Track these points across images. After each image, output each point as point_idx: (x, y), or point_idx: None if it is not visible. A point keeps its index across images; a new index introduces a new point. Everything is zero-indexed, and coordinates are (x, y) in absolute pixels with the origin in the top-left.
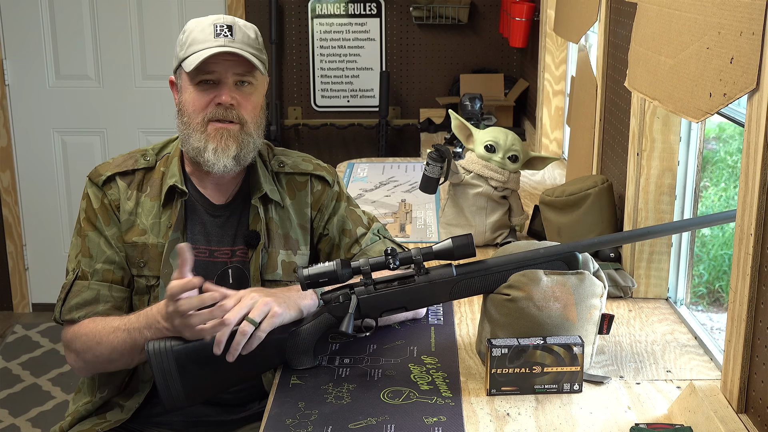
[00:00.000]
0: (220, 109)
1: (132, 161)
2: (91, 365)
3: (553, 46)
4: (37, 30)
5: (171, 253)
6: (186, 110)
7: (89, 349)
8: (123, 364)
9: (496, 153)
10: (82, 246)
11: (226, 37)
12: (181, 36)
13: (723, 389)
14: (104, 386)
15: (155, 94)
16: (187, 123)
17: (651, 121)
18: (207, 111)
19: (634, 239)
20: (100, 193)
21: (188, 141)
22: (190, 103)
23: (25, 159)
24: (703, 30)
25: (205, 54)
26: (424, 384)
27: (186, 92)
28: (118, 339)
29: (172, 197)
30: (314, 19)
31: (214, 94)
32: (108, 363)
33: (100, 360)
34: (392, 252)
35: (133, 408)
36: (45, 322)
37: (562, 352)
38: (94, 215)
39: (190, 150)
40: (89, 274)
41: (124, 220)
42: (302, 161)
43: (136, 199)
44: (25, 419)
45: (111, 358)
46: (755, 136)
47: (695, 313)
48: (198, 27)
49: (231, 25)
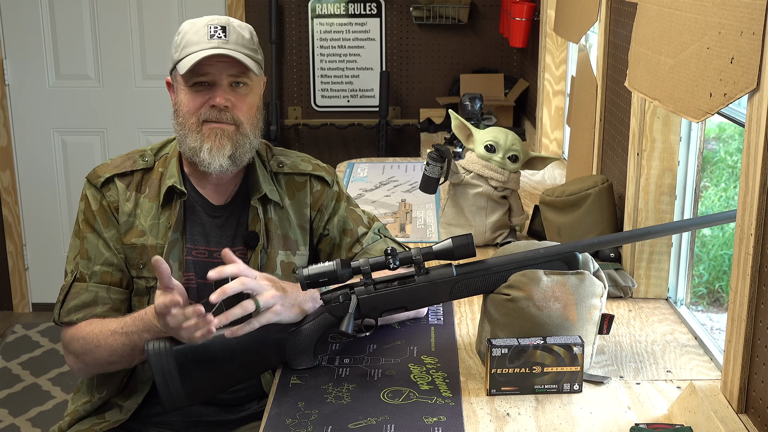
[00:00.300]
0: (215, 111)
1: (130, 162)
2: (91, 367)
3: (553, 46)
4: (37, 30)
5: (170, 253)
6: (181, 111)
7: (88, 352)
8: (123, 365)
9: (496, 153)
10: (80, 248)
11: (219, 39)
12: (176, 38)
13: (723, 389)
14: (103, 386)
15: (155, 94)
16: (182, 124)
17: (651, 121)
18: (201, 112)
19: (634, 239)
20: (99, 195)
21: (184, 141)
22: (184, 104)
23: (25, 159)
24: (704, 30)
25: (198, 56)
26: (424, 384)
27: (181, 93)
28: (116, 342)
29: (171, 198)
30: (314, 19)
31: (208, 96)
32: (108, 365)
33: (100, 362)
34: (392, 252)
35: (132, 408)
36: (45, 321)
37: (562, 352)
38: (93, 217)
39: (187, 150)
40: (87, 276)
41: (123, 221)
42: (301, 161)
43: (134, 201)
44: (25, 419)
45: (111, 360)
46: (755, 136)
47: (695, 313)
48: (192, 29)
49: (225, 25)
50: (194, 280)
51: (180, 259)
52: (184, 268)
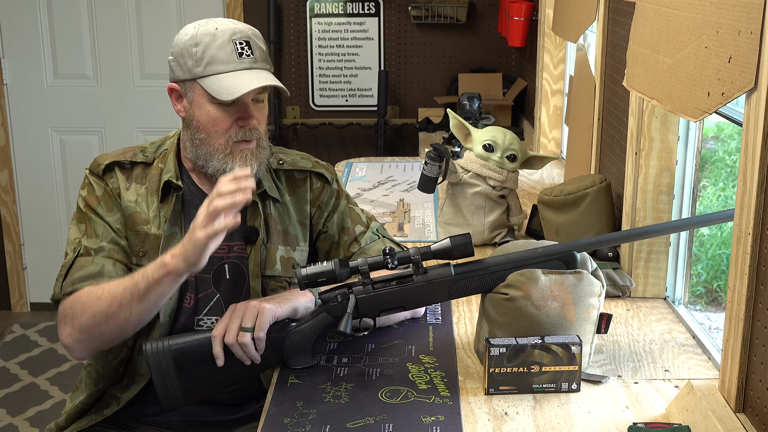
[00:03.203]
0: (243, 131)
1: (131, 154)
2: (86, 332)
3: (551, 45)
4: (36, 29)
5: (168, 246)
6: (204, 128)
7: (87, 308)
8: (121, 319)
9: (494, 152)
10: (86, 228)
11: (248, 57)
12: (193, 48)
13: (721, 388)
14: (100, 379)
15: (153, 93)
16: (205, 141)
17: (649, 121)
18: (230, 133)
19: (632, 238)
20: (102, 182)
21: (209, 161)
22: (210, 123)
23: (23, 158)
24: (702, 29)
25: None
26: (422, 383)
27: (201, 109)
28: (117, 288)
29: (168, 192)
30: (312, 19)
31: (236, 115)
32: (105, 320)
33: (97, 319)
34: (390, 251)
35: (128, 399)
36: (43, 321)
37: (560, 352)
38: (97, 202)
39: (210, 168)
40: (93, 251)
41: (125, 207)
42: (301, 159)
43: (135, 190)
44: (23, 418)
45: (109, 312)
46: (753, 135)
47: (693, 313)
48: (214, 42)
49: (248, 40)
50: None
51: None
52: None
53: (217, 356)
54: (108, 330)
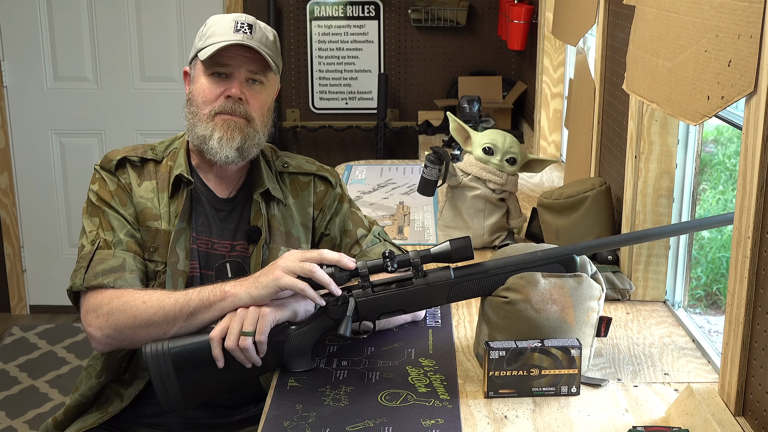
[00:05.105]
0: (229, 103)
1: (141, 150)
2: (120, 331)
3: (551, 48)
4: (36, 31)
5: (177, 242)
6: (195, 100)
7: (129, 309)
8: (161, 330)
9: (494, 155)
10: (101, 221)
11: (245, 34)
12: (202, 29)
13: (720, 392)
14: (102, 372)
15: (153, 96)
16: (194, 113)
17: (649, 124)
18: (216, 104)
19: (631, 242)
20: (114, 177)
21: (194, 129)
22: (200, 93)
23: (23, 160)
24: (701, 33)
25: (222, 44)
26: (421, 386)
27: (198, 82)
28: (168, 298)
29: (179, 187)
30: (312, 21)
31: (224, 87)
32: (144, 326)
33: (137, 323)
34: (390, 255)
35: (132, 395)
36: (42, 324)
37: (560, 355)
38: (110, 196)
39: (195, 138)
40: (112, 244)
41: (137, 202)
42: (305, 162)
43: (146, 187)
44: (22, 421)
45: (152, 320)
46: (753, 139)
47: (693, 316)
48: (219, 21)
49: (252, 24)
50: (198, 269)
51: (186, 248)
52: (191, 257)
53: (216, 358)
54: (143, 335)
